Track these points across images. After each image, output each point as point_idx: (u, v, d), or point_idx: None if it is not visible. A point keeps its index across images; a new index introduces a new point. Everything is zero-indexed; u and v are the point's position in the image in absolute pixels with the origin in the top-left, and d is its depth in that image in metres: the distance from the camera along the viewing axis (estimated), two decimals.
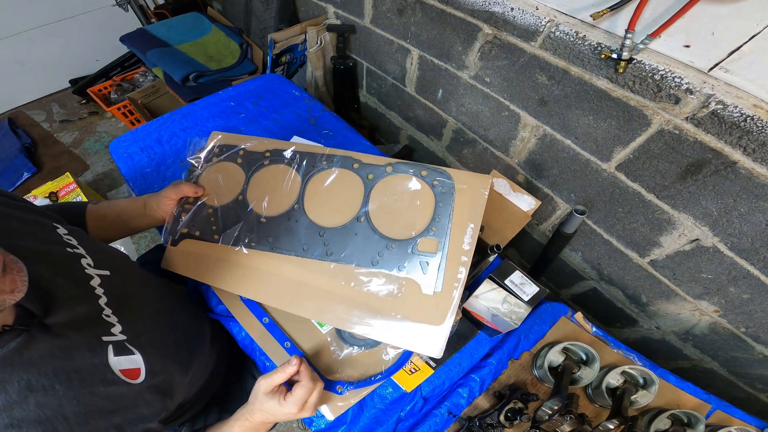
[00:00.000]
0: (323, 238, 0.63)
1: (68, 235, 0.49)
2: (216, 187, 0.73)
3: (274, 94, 1.11)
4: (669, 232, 0.83)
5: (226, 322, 0.70)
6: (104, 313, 0.44)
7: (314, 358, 0.64)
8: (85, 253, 0.48)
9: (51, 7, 2.03)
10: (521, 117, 1.00)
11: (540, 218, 1.16)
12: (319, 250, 0.63)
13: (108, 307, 0.45)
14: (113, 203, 0.71)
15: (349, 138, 0.99)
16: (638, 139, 0.78)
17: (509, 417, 0.61)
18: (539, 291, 0.64)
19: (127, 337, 0.45)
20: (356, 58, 1.51)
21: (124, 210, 0.70)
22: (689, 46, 0.62)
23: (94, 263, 0.48)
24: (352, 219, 0.63)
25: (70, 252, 0.47)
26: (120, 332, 0.45)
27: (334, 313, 0.61)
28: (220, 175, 0.74)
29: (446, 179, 0.63)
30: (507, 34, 0.90)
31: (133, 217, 0.70)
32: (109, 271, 0.50)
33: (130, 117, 1.85)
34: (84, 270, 0.46)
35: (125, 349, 0.44)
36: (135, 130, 1.00)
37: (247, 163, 0.73)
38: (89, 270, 0.47)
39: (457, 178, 0.64)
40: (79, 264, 0.46)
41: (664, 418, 0.64)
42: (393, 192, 0.65)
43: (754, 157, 0.63)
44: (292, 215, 0.66)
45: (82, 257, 0.47)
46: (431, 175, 0.64)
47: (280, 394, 0.53)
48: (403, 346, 0.60)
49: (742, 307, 0.79)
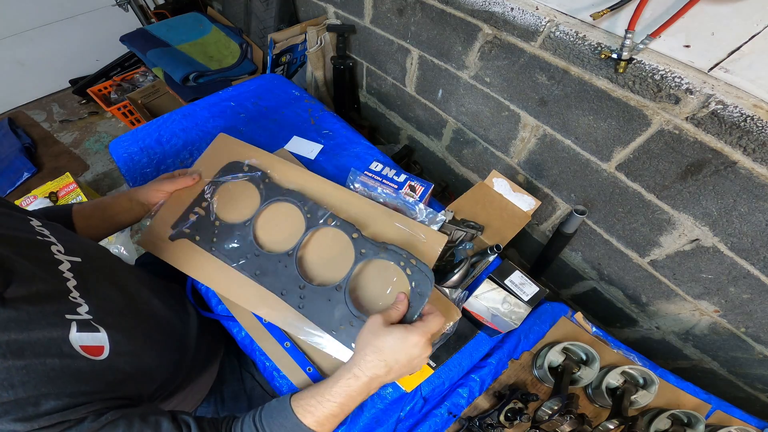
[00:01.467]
0: (302, 290, 0.64)
1: (41, 227, 0.50)
2: (230, 201, 0.75)
3: (274, 94, 1.11)
4: (669, 232, 0.83)
5: (226, 322, 0.70)
6: (71, 295, 0.45)
7: (315, 357, 0.64)
8: (56, 241, 0.49)
9: (51, 7, 2.03)
10: (521, 117, 1.00)
11: (540, 218, 1.16)
12: (294, 301, 0.64)
13: (76, 290, 0.46)
14: (98, 201, 0.71)
15: (349, 138, 0.99)
16: (638, 139, 0.78)
17: (509, 417, 0.61)
18: (539, 291, 0.64)
19: (93, 317, 0.45)
20: (356, 58, 1.51)
21: (110, 206, 0.70)
22: (689, 46, 0.62)
23: (65, 250, 0.49)
24: (332, 285, 0.64)
25: (40, 239, 0.48)
26: (86, 312, 0.45)
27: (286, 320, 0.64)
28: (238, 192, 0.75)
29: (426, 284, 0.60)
30: (507, 34, 0.90)
31: (119, 212, 0.71)
32: (81, 258, 0.50)
33: (130, 117, 1.86)
34: (53, 255, 0.47)
35: (90, 326, 0.44)
36: (135, 130, 1.00)
37: (266, 193, 0.74)
38: (59, 256, 0.47)
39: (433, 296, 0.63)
40: (48, 249, 0.47)
41: (664, 418, 0.64)
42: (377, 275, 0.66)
43: (754, 157, 0.63)
44: (283, 259, 0.68)
45: (53, 244, 0.48)
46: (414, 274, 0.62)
47: (401, 325, 0.49)
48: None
49: (742, 307, 0.79)
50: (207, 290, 0.72)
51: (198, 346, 0.67)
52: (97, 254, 0.57)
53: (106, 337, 0.45)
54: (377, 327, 0.49)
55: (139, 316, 0.55)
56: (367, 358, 0.48)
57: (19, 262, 0.42)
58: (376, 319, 0.49)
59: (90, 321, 0.45)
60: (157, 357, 0.54)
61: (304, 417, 0.48)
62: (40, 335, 0.39)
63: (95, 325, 0.45)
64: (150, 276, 0.67)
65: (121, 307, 0.52)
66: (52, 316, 0.41)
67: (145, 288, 0.60)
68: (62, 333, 0.41)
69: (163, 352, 0.56)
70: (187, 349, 0.65)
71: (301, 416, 0.48)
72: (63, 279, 0.46)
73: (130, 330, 0.50)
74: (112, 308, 0.50)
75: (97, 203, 0.71)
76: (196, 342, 0.67)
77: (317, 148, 0.94)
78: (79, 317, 0.44)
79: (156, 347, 0.55)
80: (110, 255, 0.61)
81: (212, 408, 0.73)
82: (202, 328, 0.70)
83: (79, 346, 0.42)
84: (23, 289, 0.40)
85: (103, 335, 0.45)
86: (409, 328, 0.48)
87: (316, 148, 0.94)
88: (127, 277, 0.59)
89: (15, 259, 0.42)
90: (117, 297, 0.53)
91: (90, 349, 0.43)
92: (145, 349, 0.52)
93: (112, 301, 0.51)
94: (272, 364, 0.65)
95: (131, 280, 0.59)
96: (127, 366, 0.48)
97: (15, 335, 0.37)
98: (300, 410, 0.48)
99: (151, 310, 0.59)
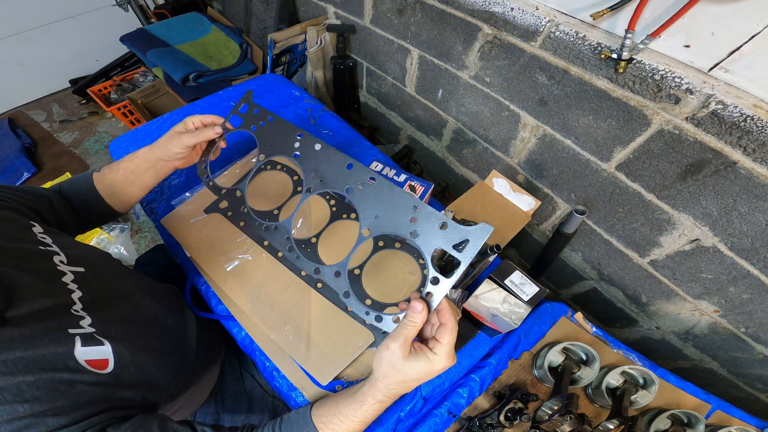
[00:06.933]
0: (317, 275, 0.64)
1: (43, 234, 0.50)
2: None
3: (274, 94, 1.11)
4: (669, 232, 0.83)
5: (226, 322, 0.70)
6: (74, 308, 0.45)
7: None
8: (59, 250, 0.49)
9: (51, 7, 2.03)
10: (521, 117, 1.00)
11: (540, 218, 1.16)
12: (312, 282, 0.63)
13: (80, 302, 0.46)
14: (113, 169, 0.67)
15: (349, 138, 0.99)
16: (638, 139, 0.78)
17: (509, 417, 0.61)
18: (539, 291, 0.64)
19: (96, 330, 0.45)
20: (356, 58, 1.51)
21: (127, 172, 0.66)
22: (689, 46, 0.62)
23: (68, 260, 0.49)
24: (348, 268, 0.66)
25: (42, 249, 0.47)
26: (89, 325, 0.45)
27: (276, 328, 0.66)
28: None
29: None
30: (507, 34, 0.90)
31: (139, 175, 0.67)
32: (84, 268, 0.50)
33: (130, 117, 1.85)
34: (56, 267, 0.47)
35: (94, 340, 0.44)
36: (135, 130, 1.00)
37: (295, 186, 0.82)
38: (62, 267, 0.47)
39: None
40: (50, 261, 0.47)
41: (664, 418, 0.64)
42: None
43: (754, 157, 0.63)
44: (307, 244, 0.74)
45: (55, 254, 0.48)
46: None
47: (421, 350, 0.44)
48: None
49: (742, 307, 0.79)
50: (207, 290, 0.72)
51: (198, 349, 0.67)
52: (99, 262, 0.56)
53: (111, 350, 0.45)
54: (397, 360, 0.44)
55: (141, 325, 0.55)
56: (392, 388, 0.46)
57: (21, 277, 0.42)
58: (395, 352, 0.43)
59: (93, 334, 0.45)
60: (161, 365, 0.54)
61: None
62: (45, 351, 0.39)
63: (99, 338, 0.45)
64: (149, 280, 0.67)
65: (124, 317, 0.52)
66: (54, 332, 0.41)
67: (146, 294, 0.60)
68: (67, 348, 0.41)
69: (166, 360, 0.56)
70: (188, 353, 0.64)
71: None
72: (67, 291, 0.46)
73: (134, 340, 0.50)
74: (115, 319, 0.50)
75: (114, 169, 0.66)
76: (196, 345, 0.67)
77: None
78: (82, 331, 0.44)
79: (159, 355, 0.54)
80: (112, 260, 0.61)
81: (213, 409, 0.73)
82: (202, 330, 0.70)
83: (84, 360, 0.42)
84: (26, 306, 0.40)
85: (108, 348, 0.45)
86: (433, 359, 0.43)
87: None
88: (128, 284, 0.58)
89: (16, 274, 0.41)
90: (120, 307, 0.52)
91: (95, 363, 0.43)
92: (148, 359, 0.51)
93: (115, 311, 0.51)
94: (272, 364, 0.65)
95: (133, 287, 0.59)
96: (133, 377, 0.48)
97: (20, 353, 0.37)
98: (322, 426, 0.48)
99: (153, 318, 0.59)
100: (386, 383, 0.46)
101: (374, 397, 0.47)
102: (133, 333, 0.51)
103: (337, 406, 0.48)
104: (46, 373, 0.38)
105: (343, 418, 0.48)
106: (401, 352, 0.43)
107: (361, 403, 0.47)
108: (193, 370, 0.65)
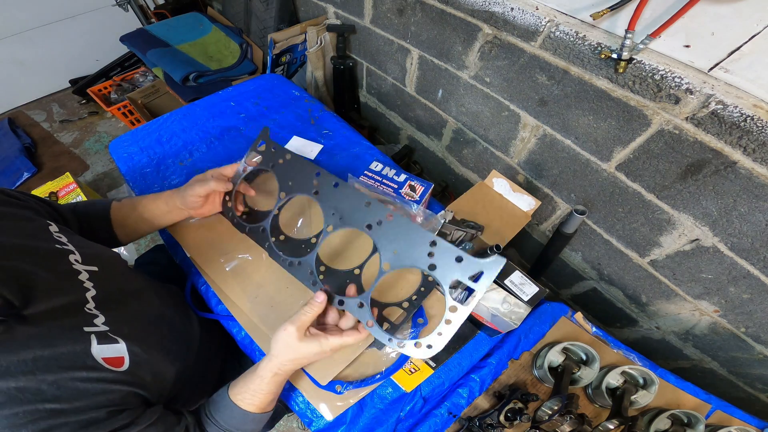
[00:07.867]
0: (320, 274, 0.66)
1: (59, 233, 0.50)
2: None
3: (274, 94, 1.11)
4: (669, 232, 0.83)
5: (226, 322, 0.70)
6: (87, 306, 0.45)
7: None
8: (74, 249, 0.49)
9: (51, 7, 2.03)
10: (521, 117, 1.00)
11: (540, 218, 1.16)
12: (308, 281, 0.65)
13: (93, 300, 0.46)
14: (134, 203, 0.69)
15: (349, 138, 0.99)
16: (638, 139, 0.78)
17: (509, 417, 0.61)
18: (539, 291, 0.64)
19: (110, 328, 0.46)
20: (356, 58, 1.51)
21: (147, 208, 0.69)
22: (689, 46, 0.62)
23: (83, 259, 0.49)
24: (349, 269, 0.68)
25: (59, 248, 0.48)
26: (103, 323, 0.45)
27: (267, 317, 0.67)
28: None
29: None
30: (507, 34, 0.90)
31: (156, 216, 0.70)
32: (98, 267, 0.51)
33: (130, 117, 1.85)
34: (72, 265, 0.47)
35: (108, 338, 0.45)
36: (135, 130, 1.00)
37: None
38: (77, 266, 0.48)
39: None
40: (66, 259, 0.47)
41: (664, 418, 0.64)
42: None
43: (754, 157, 0.63)
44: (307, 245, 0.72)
45: (71, 253, 0.48)
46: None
47: (317, 335, 0.53)
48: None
49: (742, 307, 0.79)
50: (207, 290, 0.72)
51: (201, 348, 0.67)
52: (111, 261, 0.57)
53: (125, 348, 0.46)
54: (293, 341, 0.52)
55: (151, 324, 0.56)
56: (285, 365, 0.53)
57: (39, 274, 0.42)
58: (290, 333, 0.51)
59: (107, 332, 0.45)
60: (169, 364, 0.55)
61: (248, 407, 0.54)
62: (63, 350, 0.39)
63: (113, 336, 0.45)
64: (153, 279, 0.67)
65: (135, 316, 0.52)
66: (71, 330, 0.42)
67: (154, 294, 0.61)
68: (84, 346, 0.42)
69: (174, 358, 0.57)
70: (192, 352, 0.65)
71: (246, 407, 0.54)
72: (82, 289, 0.46)
73: (145, 339, 0.51)
74: (126, 318, 0.50)
75: (135, 203, 0.69)
76: (199, 345, 0.67)
77: (317, 148, 0.94)
78: (96, 329, 0.44)
79: (168, 354, 0.55)
80: (121, 260, 0.61)
81: None
82: (203, 330, 0.70)
83: (101, 358, 0.42)
84: (43, 304, 0.40)
85: (122, 346, 0.46)
86: (324, 343, 0.52)
87: (316, 148, 0.94)
88: (138, 284, 0.59)
89: (34, 271, 0.42)
90: (131, 306, 0.53)
91: (112, 360, 0.44)
92: (159, 357, 0.52)
93: (126, 310, 0.51)
94: None
95: (142, 286, 0.59)
96: (147, 374, 0.48)
97: (39, 351, 0.38)
98: (239, 401, 0.54)
99: (161, 318, 0.59)
100: (281, 360, 0.52)
101: (271, 371, 0.53)
102: (145, 332, 0.52)
103: (245, 383, 0.54)
104: (65, 372, 0.38)
105: (251, 392, 0.54)
106: (297, 333, 0.51)
107: (261, 378, 0.53)
108: (195, 369, 0.66)
